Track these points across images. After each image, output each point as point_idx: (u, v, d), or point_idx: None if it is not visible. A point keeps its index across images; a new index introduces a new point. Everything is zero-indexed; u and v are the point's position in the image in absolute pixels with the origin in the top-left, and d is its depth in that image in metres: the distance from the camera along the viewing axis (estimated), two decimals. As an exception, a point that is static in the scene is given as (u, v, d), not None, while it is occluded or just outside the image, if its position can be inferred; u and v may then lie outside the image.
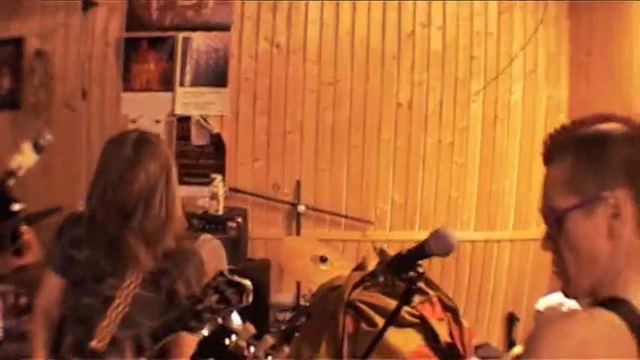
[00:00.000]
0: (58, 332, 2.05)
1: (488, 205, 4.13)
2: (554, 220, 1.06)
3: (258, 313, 3.16)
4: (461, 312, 2.67)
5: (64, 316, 2.04)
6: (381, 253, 2.63)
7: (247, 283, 1.46)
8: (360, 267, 2.56)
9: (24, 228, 3.07)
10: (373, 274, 2.00)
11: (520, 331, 4.04)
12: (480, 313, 4.06)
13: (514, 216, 4.16)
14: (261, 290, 3.53)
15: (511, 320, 4.08)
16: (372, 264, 2.52)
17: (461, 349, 2.31)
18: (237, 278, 1.47)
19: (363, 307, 2.33)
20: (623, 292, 1.02)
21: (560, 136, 1.10)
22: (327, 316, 2.34)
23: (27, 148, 1.81)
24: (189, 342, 1.94)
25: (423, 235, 1.64)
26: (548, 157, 1.11)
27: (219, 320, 1.55)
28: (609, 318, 0.98)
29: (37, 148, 1.81)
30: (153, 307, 1.92)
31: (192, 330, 1.57)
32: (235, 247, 3.64)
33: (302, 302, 3.77)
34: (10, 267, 3.03)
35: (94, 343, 1.86)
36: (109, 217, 1.87)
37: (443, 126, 4.12)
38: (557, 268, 1.09)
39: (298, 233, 3.93)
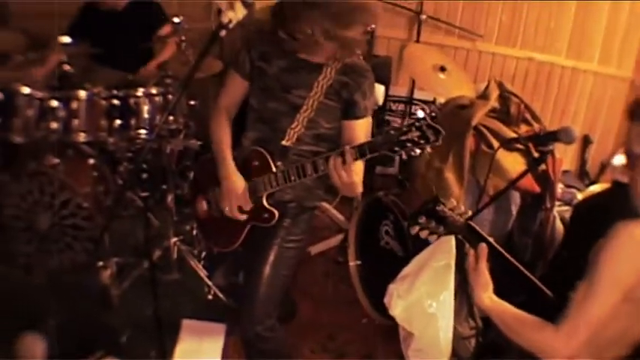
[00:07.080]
0: (236, 128, 2.31)
1: (580, 38, 4.51)
2: (632, 160, 1.56)
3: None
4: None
5: (244, 115, 2.28)
6: (500, 85, 3.07)
7: (441, 128, 1.72)
8: (483, 96, 3.00)
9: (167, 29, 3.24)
10: (517, 140, 2.58)
11: (592, 151, 4.63)
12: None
13: (599, 53, 4.55)
14: (384, 82, 3.99)
15: (585, 141, 4.58)
16: (494, 95, 2.98)
17: (552, 175, 2.78)
18: (435, 124, 1.73)
19: (485, 130, 2.80)
20: None
21: None
22: (455, 133, 2.81)
23: (238, 4, 1.90)
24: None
25: (521, 54, 2.52)
26: (633, 114, 1.59)
27: (417, 152, 1.75)
28: None
29: (246, 4, 1.92)
30: (333, 114, 2.17)
31: (394, 153, 1.78)
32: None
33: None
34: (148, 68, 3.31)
35: (284, 142, 2.15)
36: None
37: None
38: (632, 184, 1.58)
39: (418, 38, 4.35)
